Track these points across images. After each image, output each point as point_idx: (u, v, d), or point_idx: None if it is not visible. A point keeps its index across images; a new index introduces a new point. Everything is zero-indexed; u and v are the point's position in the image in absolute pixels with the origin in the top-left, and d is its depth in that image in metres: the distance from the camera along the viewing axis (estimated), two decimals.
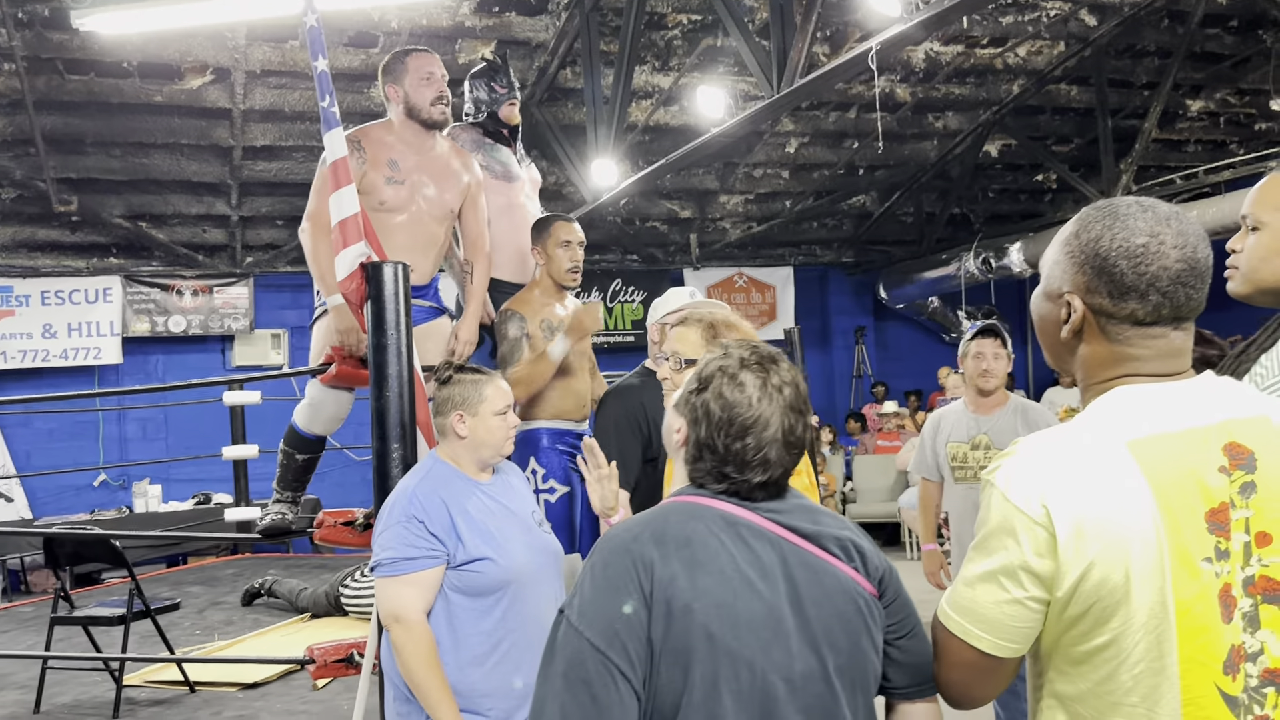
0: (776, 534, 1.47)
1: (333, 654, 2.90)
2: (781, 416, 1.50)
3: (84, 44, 7.00)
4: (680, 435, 1.57)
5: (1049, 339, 1.34)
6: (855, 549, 1.50)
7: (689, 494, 1.54)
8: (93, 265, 9.57)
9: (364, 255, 2.62)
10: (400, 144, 3.48)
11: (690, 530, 1.45)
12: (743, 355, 1.54)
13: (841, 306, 12.40)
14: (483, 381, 2.48)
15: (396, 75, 3.54)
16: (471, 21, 7.39)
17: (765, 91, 5.28)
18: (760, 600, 1.41)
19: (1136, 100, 9.80)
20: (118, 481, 9.78)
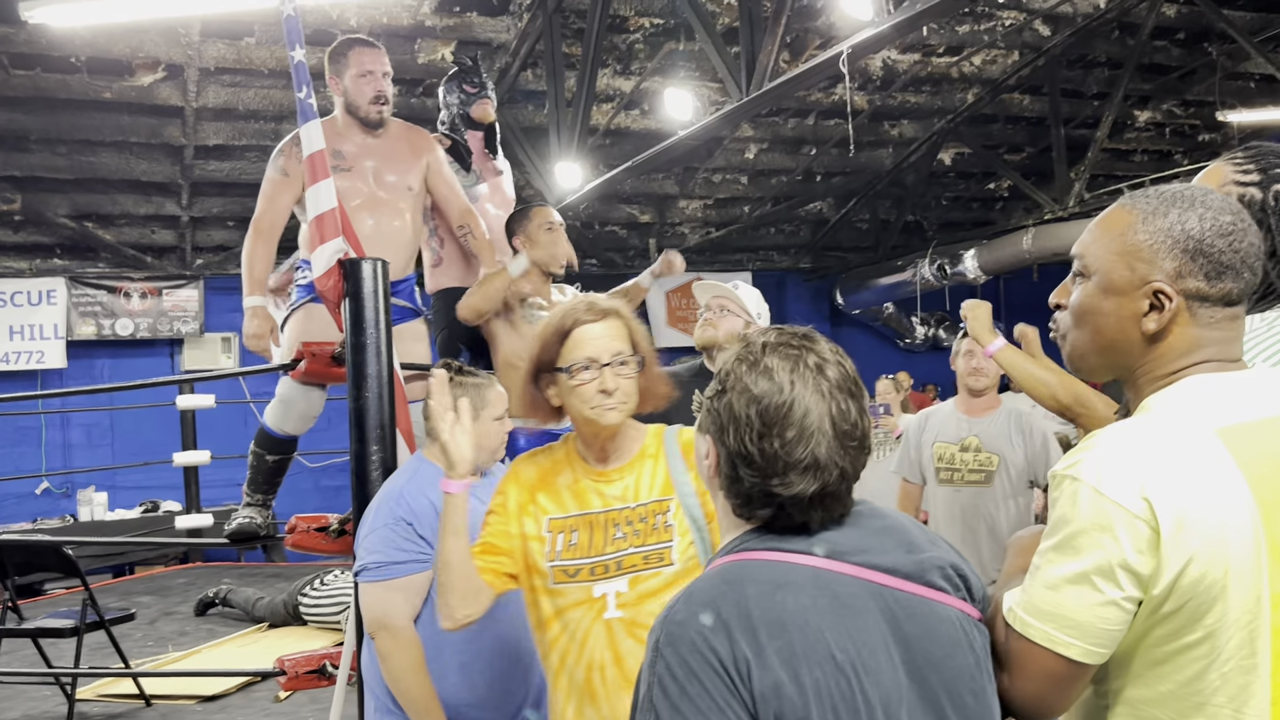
0: (876, 583, 1.19)
1: (304, 665, 2.81)
2: (826, 400, 1.19)
3: (30, 38, 6.80)
4: (711, 459, 1.27)
5: (1111, 337, 1.25)
6: (959, 575, 1.25)
7: (755, 546, 1.23)
8: (36, 266, 9.30)
9: (341, 251, 2.55)
10: (343, 134, 3.42)
11: (781, 608, 1.14)
12: (766, 339, 1.25)
13: (799, 312, 12.45)
14: (484, 385, 2.43)
15: (338, 67, 3.47)
16: (432, 21, 7.31)
17: (734, 95, 5.27)
18: (879, 683, 1.14)
19: (1087, 110, 9.97)
20: (61, 489, 9.50)
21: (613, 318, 1.88)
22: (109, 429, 9.70)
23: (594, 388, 1.82)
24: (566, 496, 1.91)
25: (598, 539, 1.87)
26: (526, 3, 7.28)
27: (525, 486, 1.94)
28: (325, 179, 2.63)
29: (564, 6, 7.22)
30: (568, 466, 1.94)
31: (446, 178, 3.63)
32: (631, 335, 1.90)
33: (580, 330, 1.85)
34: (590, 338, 1.84)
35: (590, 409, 1.83)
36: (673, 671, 1.11)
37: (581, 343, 1.84)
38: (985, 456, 3.53)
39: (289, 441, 3.31)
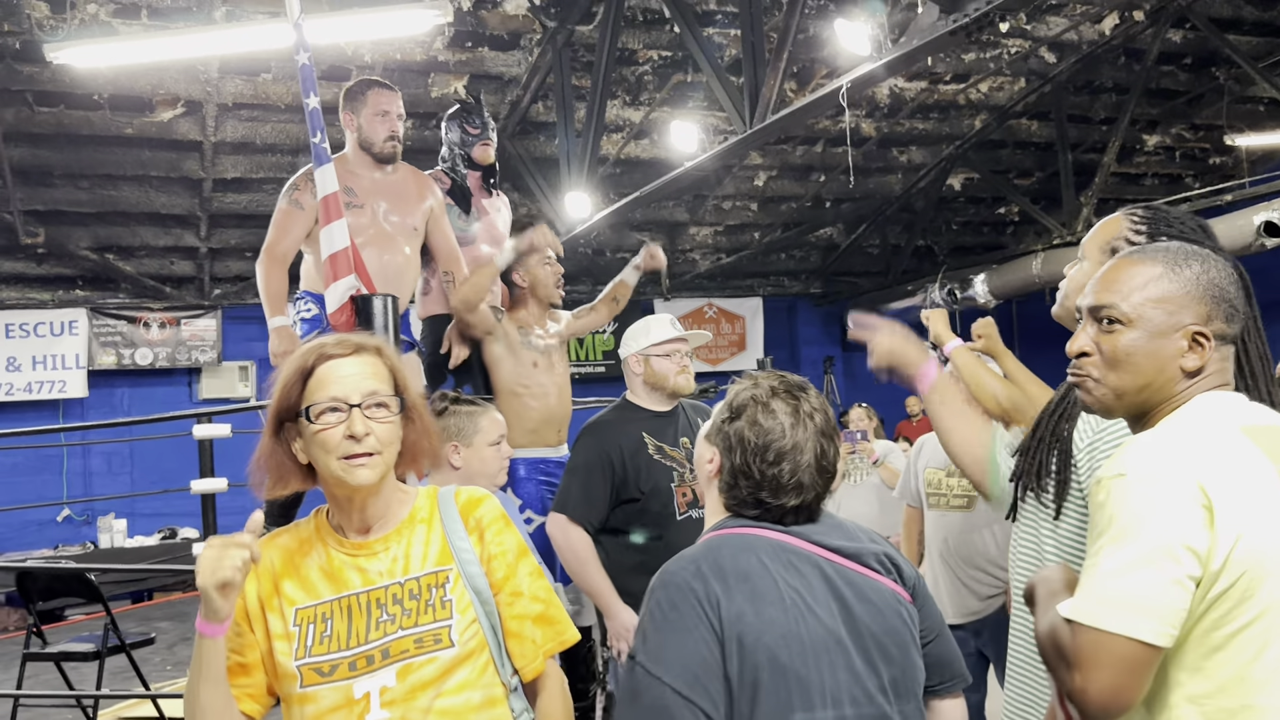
0: (821, 556, 1.55)
1: None
2: (814, 442, 1.57)
3: (55, 76, 6.98)
4: (713, 465, 1.62)
5: (1150, 377, 1.38)
6: (890, 561, 1.60)
7: (733, 525, 1.59)
8: (58, 298, 9.48)
9: (354, 288, 2.65)
10: (355, 172, 3.53)
11: (747, 563, 1.50)
12: (772, 384, 1.61)
13: (810, 337, 12.53)
14: (478, 413, 2.50)
15: (355, 106, 3.59)
16: (444, 56, 7.46)
17: (738, 127, 5.37)
18: (820, 625, 1.47)
19: (1095, 135, 10.04)
20: (81, 517, 9.63)
21: (368, 354, 1.61)
22: (129, 457, 9.83)
23: (339, 433, 1.53)
24: (317, 579, 1.60)
25: (358, 626, 1.57)
26: (537, 38, 7.43)
27: (266, 575, 1.60)
28: (339, 219, 2.73)
29: (574, 41, 7.36)
30: (318, 542, 1.62)
31: (444, 226, 3.76)
32: (394, 374, 1.62)
33: (326, 367, 1.57)
34: (338, 376, 1.56)
35: (336, 460, 1.53)
36: (660, 603, 1.48)
37: (327, 381, 1.56)
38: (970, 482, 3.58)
39: None
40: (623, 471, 3.02)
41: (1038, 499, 1.81)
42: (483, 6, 7.02)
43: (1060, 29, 8.10)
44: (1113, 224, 1.86)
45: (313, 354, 1.59)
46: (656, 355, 3.15)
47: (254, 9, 6.49)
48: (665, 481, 3.05)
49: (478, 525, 1.67)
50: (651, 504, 3.02)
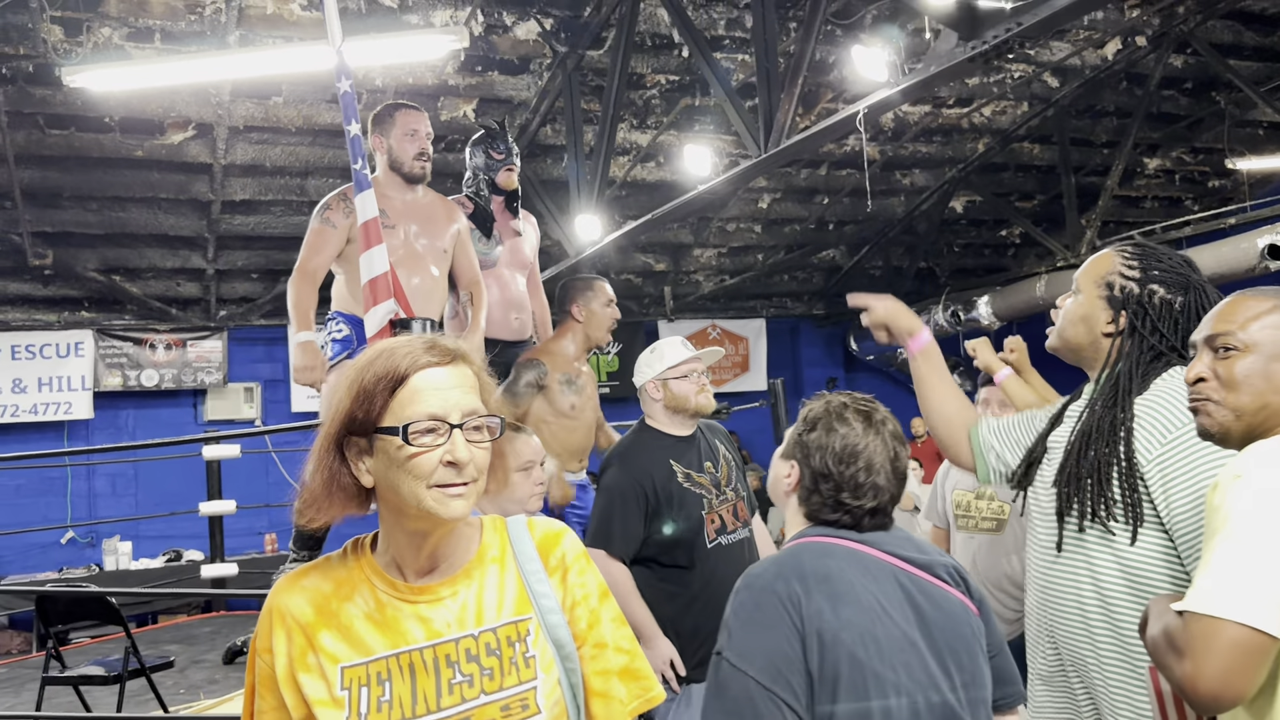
0: (895, 565, 1.64)
1: None
2: (887, 446, 1.70)
3: (67, 99, 7.01)
4: (791, 479, 1.75)
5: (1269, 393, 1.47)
6: (959, 575, 1.68)
7: (812, 534, 1.70)
8: (64, 319, 9.48)
9: (393, 312, 2.67)
10: (386, 194, 3.56)
11: (825, 567, 1.60)
12: (843, 400, 1.77)
13: (813, 358, 12.57)
14: (509, 437, 2.50)
15: (384, 128, 3.63)
16: (455, 80, 7.51)
17: (752, 152, 5.41)
18: (895, 626, 1.56)
19: (1096, 158, 10.13)
20: (85, 539, 9.60)
21: (463, 363, 1.37)
22: (133, 479, 9.82)
23: (436, 458, 1.29)
24: (366, 630, 1.33)
25: (425, 688, 1.32)
26: (547, 62, 7.49)
27: (296, 627, 1.33)
28: (379, 245, 2.76)
29: (583, 65, 7.42)
30: (363, 584, 1.36)
31: (469, 250, 3.82)
32: (483, 390, 1.39)
33: (423, 377, 1.33)
34: (436, 388, 1.32)
35: (428, 489, 1.29)
36: (745, 603, 1.58)
37: (423, 394, 1.31)
38: (999, 505, 3.60)
39: None
40: (655, 501, 3.01)
41: (1104, 526, 1.81)
42: (494, 32, 7.08)
43: (1063, 54, 8.18)
44: (1104, 259, 1.99)
45: (404, 358, 1.33)
46: (674, 378, 3.15)
47: (267, 33, 6.53)
48: (696, 510, 3.05)
49: (560, 565, 1.44)
50: (683, 533, 3.02)
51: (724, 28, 7.36)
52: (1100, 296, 1.97)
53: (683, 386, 3.13)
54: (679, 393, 3.12)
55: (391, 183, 3.59)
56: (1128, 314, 1.93)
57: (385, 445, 1.32)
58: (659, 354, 3.20)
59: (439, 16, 6.56)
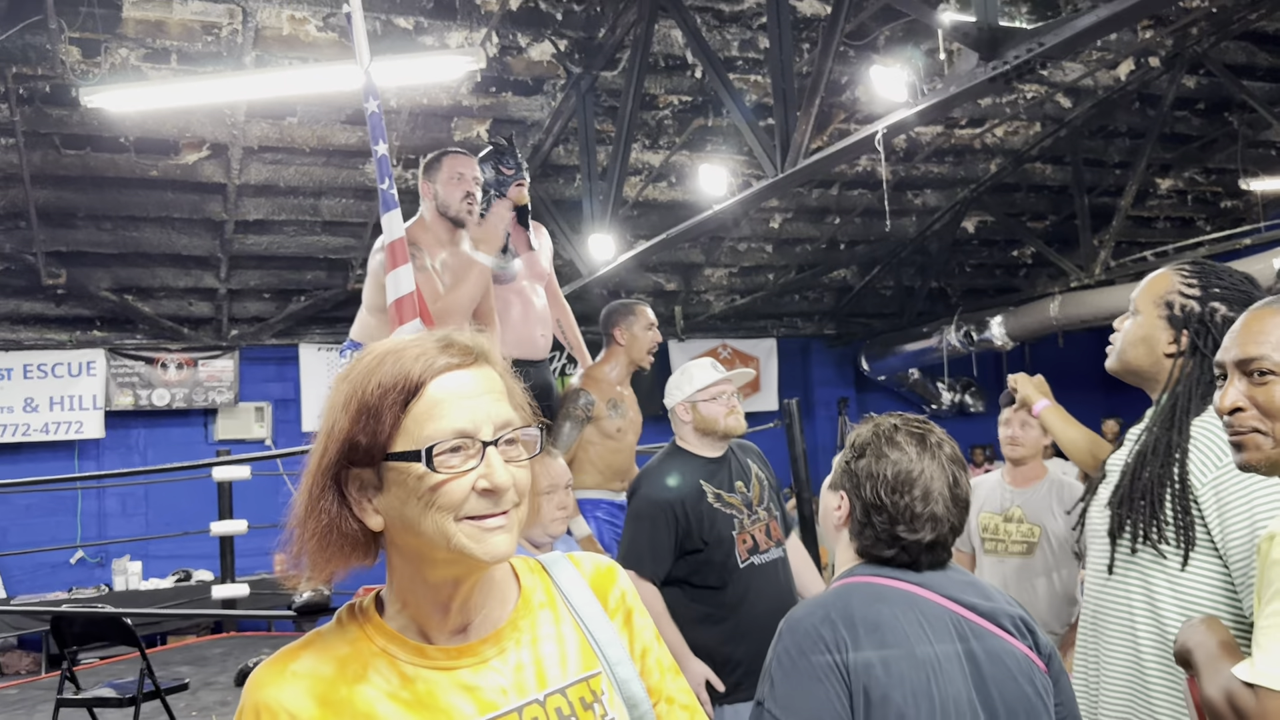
0: (955, 612, 1.49)
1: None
2: (945, 470, 1.54)
3: (83, 119, 7.05)
4: (841, 511, 1.60)
5: None
6: (1026, 626, 1.54)
7: (864, 573, 1.55)
8: (76, 338, 9.49)
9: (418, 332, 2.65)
10: (436, 243, 3.57)
11: (877, 614, 1.46)
12: (893, 421, 1.63)
13: (824, 378, 12.53)
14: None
15: (431, 174, 3.66)
16: (469, 101, 7.53)
17: (769, 172, 5.41)
18: (950, 685, 1.43)
19: (1109, 179, 10.12)
20: (95, 559, 9.58)
21: (485, 363, 1.09)
22: (143, 498, 9.81)
23: (467, 484, 1.02)
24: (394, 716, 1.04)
25: None
26: (561, 83, 7.50)
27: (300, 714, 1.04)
28: (405, 264, 2.75)
29: (597, 86, 7.44)
30: (378, 659, 1.07)
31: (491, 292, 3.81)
32: (512, 396, 1.10)
33: (442, 383, 1.04)
34: (460, 396, 1.04)
35: (458, 524, 1.02)
36: (788, 649, 1.45)
37: (445, 405, 1.03)
38: (1028, 528, 3.56)
39: None
40: (686, 522, 3.00)
41: (1155, 549, 1.78)
42: (508, 53, 7.10)
43: (1076, 75, 8.18)
44: (1163, 279, 1.94)
45: (416, 361, 1.04)
46: (703, 400, 3.16)
47: (283, 54, 6.56)
48: (727, 530, 3.05)
49: (621, 605, 1.21)
50: (714, 554, 3.00)
51: (737, 49, 7.38)
52: (1160, 316, 1.93)
53: (712, 408, 3.15)
54: (708, 415, 3.14)
55: (440, 226, 3.59)
56: (1189, 333, 1.88)
57: (400, 475, 1.03)
58: (688, 376, 3.22)
59: (454, 38, 6.58)
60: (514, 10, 6.53)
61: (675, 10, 6.18)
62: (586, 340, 4.54)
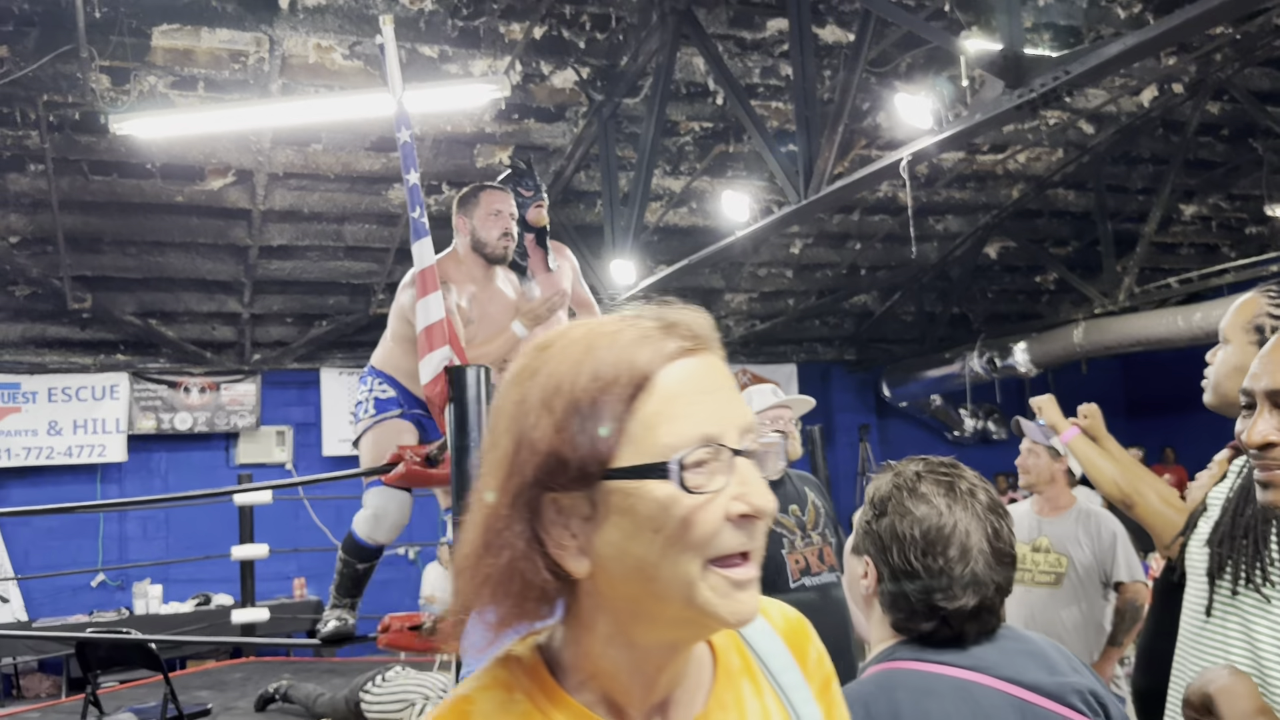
0: (1018, 698, 1.26)
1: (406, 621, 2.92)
2: (981, 521, 1.30)
3: (111, 146, 7.12)
4: (869, 580, 1.35)
5: None
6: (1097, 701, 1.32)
7: (905, 656, 1.31)
8: (100, 362, 9.55)
9: (448, 359, 2.66)
10: (468, 279, 3.58)
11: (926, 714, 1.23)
12: (916, 468, 1.37)
13: (845, 404, 12.47)
14: None
15: (468, 209, 3.67)
16: (492, 128, 7.58)
17: (791, 199, 5.41)
18: None
19: (1132, 205, 10.07)
20: (116, 582, 9.60)
21: (713, 352, 0.87)
22: (164, 522, 9.83)
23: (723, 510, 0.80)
24: None
25: None
26: (583, 110, 7.54)
27: None
28: (435, 291, 2.76)
29: (618, 113, 7.47)
30: None
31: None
32: None
33: (675, 375, 0.81)
34: (701, 390, 0.82)
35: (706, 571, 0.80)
36: None
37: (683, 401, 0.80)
38: (1055, 557, 3.52)
39: (377, 550, 3.40)
40: None
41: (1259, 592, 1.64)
42: (531, 80, 7.15)
43: (1099, 101, 8.17)
44: (1250, 304, 1.83)
45: (641, 345, 0.81)
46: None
47: (309, 82, 6.62)
48: (776, 548, 3.06)
49: (820, 669, 1.01)
50: (764, 570, 2.98)
51: (759, 75, 7.41)
52: (1252, 343, 1.81)
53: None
54: None
55: (474, 262, 3.61)
56: None
57: (627, 499, 0.78)
58: (746, 399, 3.24)
59: (478, 66, 6.63)
60: (537, 39, 6.58)
61: (697, 38, 6.22)
62: None
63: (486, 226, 3.61)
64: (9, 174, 7.38)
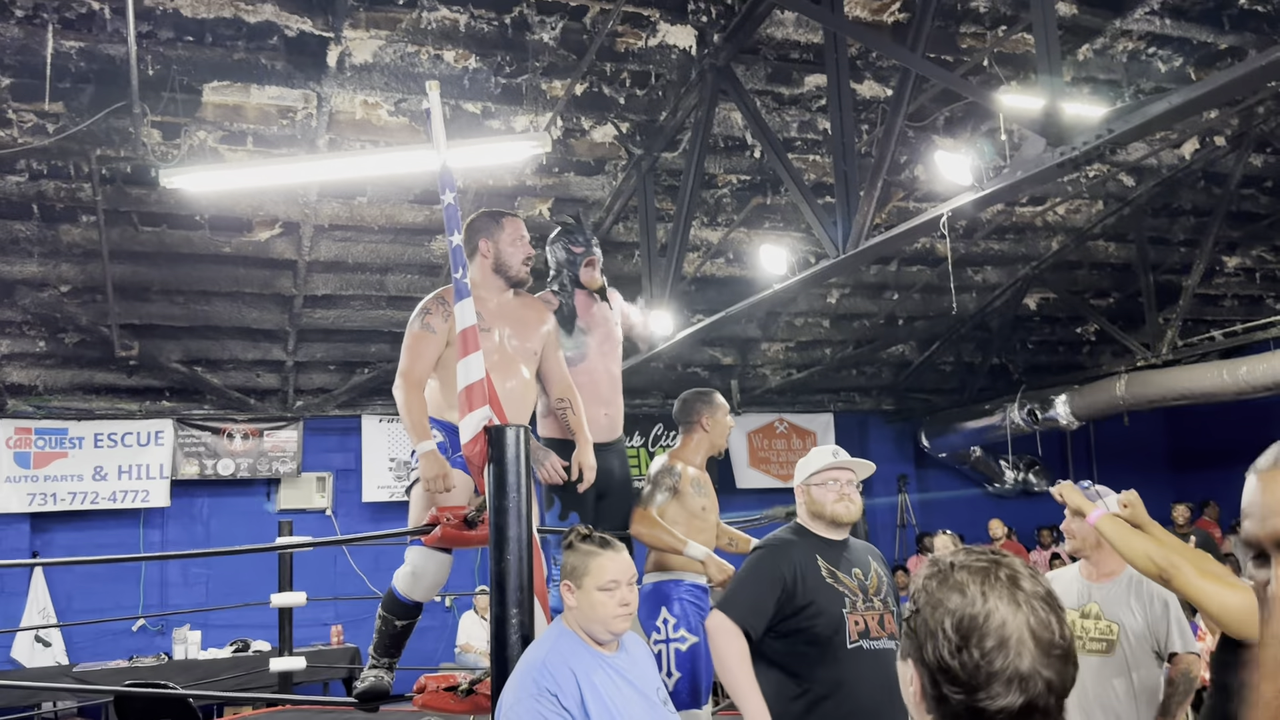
0: None
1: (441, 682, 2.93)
2: (1025, 612, 1.17)
3: (161, 198, 7.29)
4: (914, 685, 1.24)
5: None
6: None
7: None
8: (146, 408, 9.71)
9: (487, 419, 2.69)
10: (481, 295, 3.62)
11: None
12: (954, 559, 1.26)
13: (883, 454, 12.36)
14: (594, 554, 2.46)
15: (490, 232, 3.74)
16: (532, 181, 7.68)
17: (830, 252, 5.42)
18: None
19: (1174, 256, 9.98)
20: (156, 627, 9.68)
21: None
22: (205, 567, 9.91)
23: None
24: None
25: None
26: (622, 163, 7.63)
27: None
28: (476, 352, 2.79)
29: (657, 166, 7.55)
30: None
31: (559, 353, 3.91)
32: None
33: None
34: None
35: None
36: None
37: None
38: (1105, 624, 3.45)
39: (416, 607, 3.41)
40: (792, 587, 3.04)
41: None
42: (572, 135, 7.25)
43: (1140, 154, 8.13)
44: None
45: None
46: (815, 484, 3.26)
47: (355, 137, 6.76)
48: (836, 606, 3.05)
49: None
50: (821, 627, 3.00)
51: (796, 130, 7.46)
52: None
53: (822, 493, 3.23)
54: (818, 499, 3.23)
55: (490, 284, 3.70)
56: None
57: None
58: (808, 460, 3.35)
59: (520, 122, 6.74)
60: (578, 95, 6.68)
61: (736, 94, 6.28)
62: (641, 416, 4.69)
63: (513, 251, 3.72)
64: (61, 224, 7.58)
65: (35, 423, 9.34)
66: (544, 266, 4.43)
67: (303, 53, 6.08)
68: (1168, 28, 6.54)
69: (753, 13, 5.97)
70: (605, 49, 6.30)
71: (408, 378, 3.45)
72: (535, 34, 6.20)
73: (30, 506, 9.27)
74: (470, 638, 9.04)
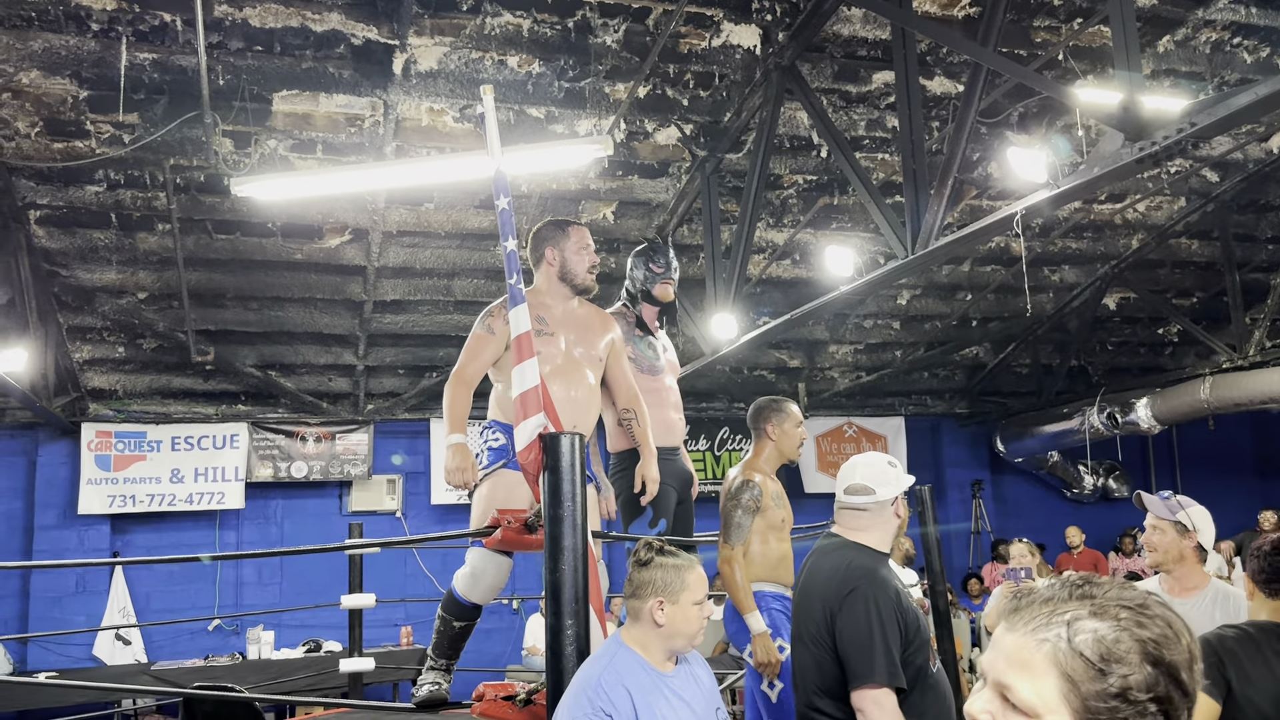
0: None
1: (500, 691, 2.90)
2: None
3: (234, 206, 7.43)
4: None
5: None
6: None
7: None
8: (221, 412, 9.92)
9: (542, 426, 2.65)
10: (546, 302, 3.67)
11: None
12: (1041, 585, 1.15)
13: (956, 459, 12.10)
14: (684, 568, 2.44)
15: (556, 241, 3.76)
16: (596, 184, 7.66)
17: (899, 253, 5.29)
18: None
19: (1261, 254, 9.60)
20: (231, 627, 9.88)
21: None
22: (278, 568, 10.09)
23: None
24: None
25: None
26: (685, 165, 7.57)
27: None
28: (530, 359, 2.77)
29: (721, 168, 7.47)
30: None
31: (623, 362, 3.91)
32: None
33: None
34: None
35: None
36: None
37: None
38: None
39: (475, 609, 3.40)
40: (903, 621, 2.75)
41: None
42: (635, 138, 7.22)
43: (1225, 149, 7.83)
44: None
45: None
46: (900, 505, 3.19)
47: (421, 144, 6.81)
48: (925, 632, 2.89)
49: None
50: (917, 656, 2.77)
51: (864, 128, 7.33)
52: None
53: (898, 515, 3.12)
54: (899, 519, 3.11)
55: (555, 292, 3.72)
56: None
57: None
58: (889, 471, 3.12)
59: (583, 125, 6.73)
60: (641, 98, 6.64)
61: (801, 93, 6.18)
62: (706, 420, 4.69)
63: (578, 259, 3.73)
64: (138, 233, 7.77)
65: (115, 426, 9.59)
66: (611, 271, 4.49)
67: (369, 60, 6.14)
68: (1253, 16, 6.28)
69: (819, 10, 5.87)
70: (668, 50, 6.26)
71: (459, 375, 3.53)
72: (598, 37, 6.18)
73: (110, 508, 9.52)
74: (537, 640, 9.05)
